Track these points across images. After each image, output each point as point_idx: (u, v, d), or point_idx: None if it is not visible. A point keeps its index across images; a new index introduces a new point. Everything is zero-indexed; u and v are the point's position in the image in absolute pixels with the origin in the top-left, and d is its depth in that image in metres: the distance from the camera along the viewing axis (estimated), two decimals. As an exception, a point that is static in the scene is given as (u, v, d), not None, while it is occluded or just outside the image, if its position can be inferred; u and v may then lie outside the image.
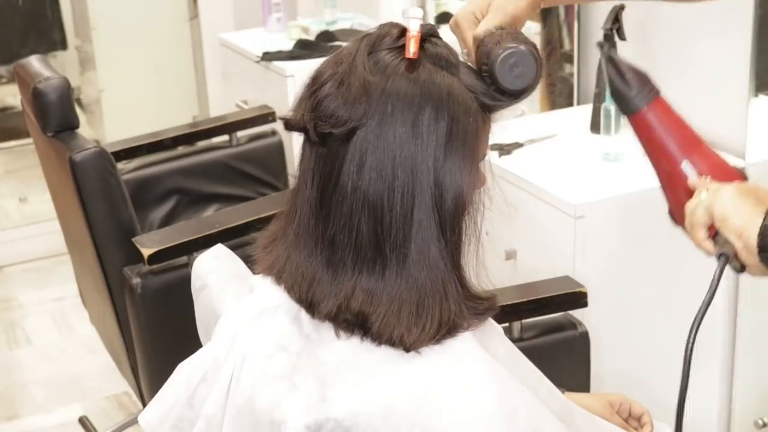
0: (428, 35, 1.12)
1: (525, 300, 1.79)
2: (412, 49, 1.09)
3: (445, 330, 1.09)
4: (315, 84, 1.11)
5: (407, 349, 1.07)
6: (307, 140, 1.12)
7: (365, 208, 1.08)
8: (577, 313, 1.89)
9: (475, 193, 1.13)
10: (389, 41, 1.12)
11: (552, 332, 1.85)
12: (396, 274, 1.08)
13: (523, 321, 1.82)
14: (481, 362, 1.08)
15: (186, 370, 1.17)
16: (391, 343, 1.08)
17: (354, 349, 1.09)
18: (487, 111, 1.14)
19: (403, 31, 1.12)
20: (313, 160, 1.12)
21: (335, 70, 1.10)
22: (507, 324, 1.79)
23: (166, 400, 1.19)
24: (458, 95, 1.10)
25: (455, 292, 1.10)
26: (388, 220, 1.07)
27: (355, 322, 1.09)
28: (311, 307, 1.11)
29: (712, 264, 2.28)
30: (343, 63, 1.10)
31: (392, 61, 1.10)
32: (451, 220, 1.10)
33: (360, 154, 1.08)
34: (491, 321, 1.19)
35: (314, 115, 1.09)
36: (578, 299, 1.82)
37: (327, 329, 1.11)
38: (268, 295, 1.14)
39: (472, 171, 1.11)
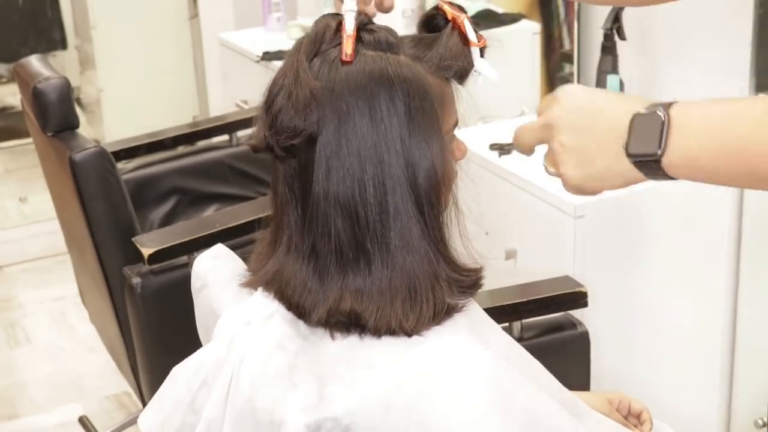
0: (363, 26, 1.12)
1: (525, 300, 1.79)
2: (347, 50, 1.08)
3: (443, 311, 1.09)
4: (268, 101, 1.11)
5: (409, 334, 1.07)
6: (276, 158, 1.12)
7: (339, 210, 1.08)
8: (576, 313, 1.89)
9: (450, 164, 1.12)
10: (330, 36, 1.11)
11: (552, 332, 1.85)
12: (382, 265, 1.08)
13: (523, 321, 1.82)
14: (476, 353, 1.08)
15: (186, 374, 1.17)
16: (391, 332, 1.08)
17: (353, 345, 1.09)
18: (444, 74, 1.13)
19: (341, 23, 1.11)
20: (289, 177, 1.12)
21: (283, 82, 1.10)
22: (507, 324, 1.79)
23: (165, 404, 1.19)
24: (407, 71, 1.09)
25: (444, 271, 1.10)
26: (364, 215, 1.07)
27: (348, 322, 1.09)
28: (302, 316, 1.12)
29: (711, 265, 2.29)
30: (288, 74, 1.10)
31: (336, 57, 1.09)
32: (428, 197, 1.09)
33: (326, 159, 1.07)
34: (491, 319, 1.20)
35: (273, 131, 1.09)
36: (578, 299, 1.82)
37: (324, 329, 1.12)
38: (262, 305, 1.14)
39: (441, 142, 1.10)
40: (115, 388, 2.92)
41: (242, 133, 2.80)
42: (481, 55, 1.15)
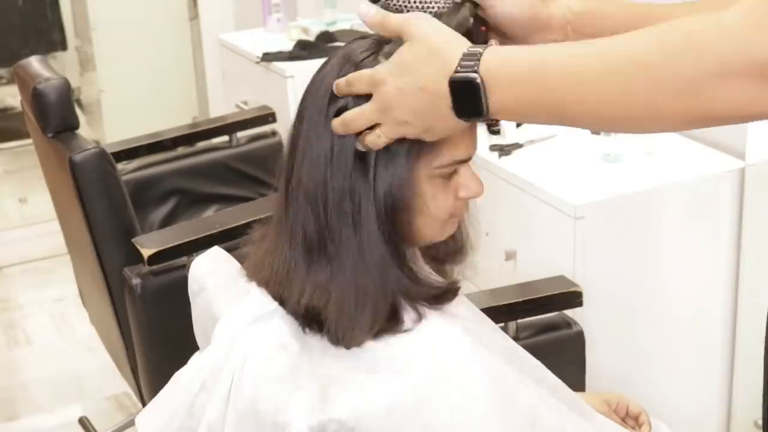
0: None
1: (520, 300, 1.79)
2: None
3: (398, 321, 1.09)
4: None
5: (347, 346, 1.08)
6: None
7: (306, 199, 1.09)
8: (578, 314, 1.89)
9: (419, 194, 1.09)
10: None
11: (547, 332, 1.85)
12: (340, 268, 1.08)
13: (519, 321, 1.82)
14: (476, 356, 1.08)
15: (185, 379, 1.17)
16: (341, 339, 1.08)
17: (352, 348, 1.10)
18: None
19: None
20: (283, 168, 1.14)
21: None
22: (503, 324, 1.79)
23: (164, 409, 1.19)
24: None
25: (401, 281, 1.10)
26: (324, 215, 1.08)
27: (310, 317, 1.10)
28: (282, 304, 1.12)
29: (711, 265, 2.28)
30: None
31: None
32: (390, 214, 1.08)
33: (302, 152, 1.09)
34: (490, 320, 1.20)
35: None
36: (573, 299, 1.82)
37: None
38: (263, 302, 1.14)
39: (412, 169, 1.07)
40: (115, 388, 2.92)
41: (242, 134, 2.81)
42: None
